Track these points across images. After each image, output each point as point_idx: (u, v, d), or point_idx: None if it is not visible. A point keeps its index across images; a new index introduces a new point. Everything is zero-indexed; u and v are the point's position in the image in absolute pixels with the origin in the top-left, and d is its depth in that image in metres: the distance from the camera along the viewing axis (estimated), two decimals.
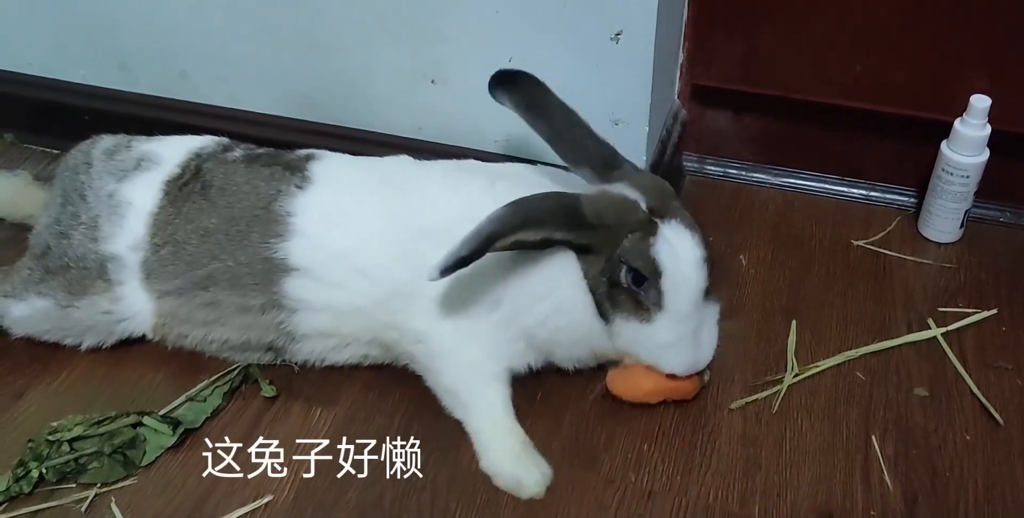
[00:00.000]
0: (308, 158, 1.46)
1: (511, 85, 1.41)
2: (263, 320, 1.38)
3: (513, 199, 1.24)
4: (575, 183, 1.37)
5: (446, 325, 1.33)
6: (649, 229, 1.27)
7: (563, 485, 1.29)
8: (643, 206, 1.28)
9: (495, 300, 1.32)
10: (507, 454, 1.29)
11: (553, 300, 1.31)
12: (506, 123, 1.59)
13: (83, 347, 1.45)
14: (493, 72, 1.42)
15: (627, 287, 1.27)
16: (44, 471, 1.29)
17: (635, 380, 1.36)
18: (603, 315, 1.31)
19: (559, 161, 1.42)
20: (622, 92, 1.53)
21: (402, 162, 1.47)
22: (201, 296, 1.39)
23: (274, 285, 1.36)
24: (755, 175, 1.84)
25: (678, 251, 1.27)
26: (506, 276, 1.32)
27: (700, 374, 1.37)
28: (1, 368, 1.46)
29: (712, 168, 1.86)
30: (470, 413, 1.34)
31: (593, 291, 1.30)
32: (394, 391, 1.41)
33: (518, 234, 1.21)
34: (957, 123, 1.59)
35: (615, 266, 1.27)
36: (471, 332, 1.34)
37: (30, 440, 1.32)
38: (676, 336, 1.30)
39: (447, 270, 1.18)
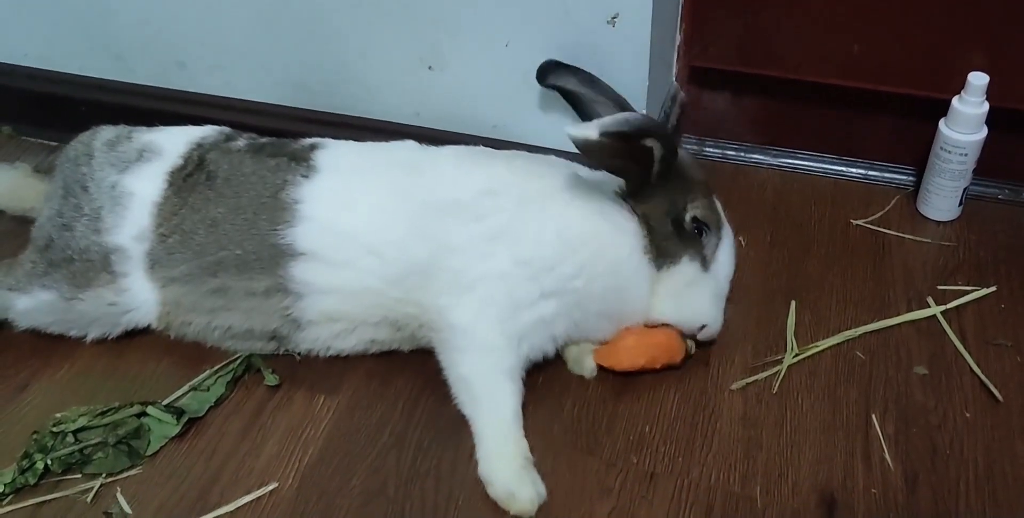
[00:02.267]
0: (312, 147, 1.46)
1: (562, 69, 1.51)
2: (268, 305, 1.38)
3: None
4: (584, 166, 1.43)
5: (470, 296, 1.33)
6: (709, 190, 1.43)
7: (565, 468, 1.30)
8: None
9: (525, 259, 1.33)
10: (508, 466, 1.26)
11: (594, 245, 1.34)
12: (503, 109, 1.60)
13: (88, 339, 1.46)
14: (541, 63, 1.52)
15: (690, 230, 1.38)
16: (49, 462, 1.30)
17: (618, 341, 1.39)
18: (668, 254, 1.38)
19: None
20: (619, 75, 1.53)
21: (408, 147, 1.48)
22: (209, 283, 1.39)
23: (280, 269, 1.37)
24: (753, 156, 1.84)
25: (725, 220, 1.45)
26: (538, 230, 1.34)
27: (685, 340, 1.40)
28: (4, 361, 1.46)
29: (711, 150, 1.86)
30: (480, 413, 1.32)
31: (656, 231, 1.37)
32: (396, 379, 1.42)
33: (658, 144, 1.30)
34: (955, 101, 1.59)
35: (680, 210, 1.38)
36: (493, 300, 1.32)
37: (35, 432, 1.33)
38: (721, 291, 1.43)
39: (606, 134, 1.23)
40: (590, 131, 1.23)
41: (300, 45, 1.67)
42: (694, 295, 1.40)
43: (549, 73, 1.52)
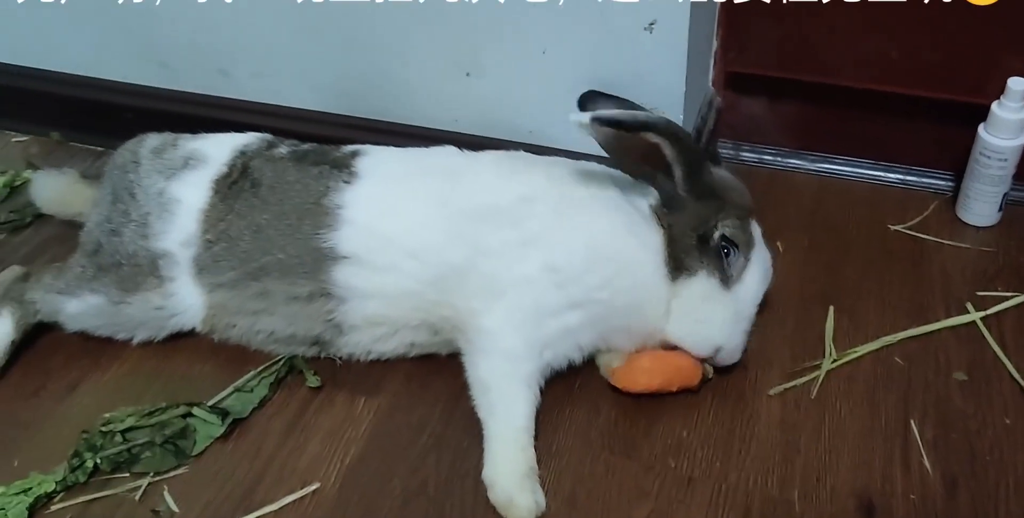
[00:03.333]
0: (354, 154, 1.49)
1: (600, 98, 1.54)
2: (311, 310, 1.40)
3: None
4: (621, 177, 1.43)
5: (500, 301, 1.35)
6: (747, 214, 1.42)
7: (602, 472, 1.31)
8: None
9: (554, 267, 1.34)
10: (512, 472, 1.26)
11: (620, 260, 1.35)
12: (540, 115, 1.61)
13: (135, 341, 1.49)
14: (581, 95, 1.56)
15: (715, 247, 1.36)
16: (99, 461, 1.33)
17: (634, 362, 1.38)
18: (685, 266, 1.37)
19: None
20: (656, 81, 1.54)
21: (448, 152, 1.50)
22: (253, 287, 1.42)
23: (323, 273, 1.39)
24: (791, 161, 1.84)
25: (763, 244, 1.43)
26: (568, 240, 1.35)
27: (703, 363, 1.40)
28: (55, 361, 1.50)
29: (747, 155, 1.86)
30: (492, 417, 1.32)
31: (677, 241, 1.37)
32: (436, 380, 1.44)
33: (666, 142, 1.30)
34: (994, 106, 1.58)
35: (709, 228, 1.37)
36: (520, 306, 1.34)
37: (84, 431, 1.36)
38: (744, 313, 1.40)
39: (599, 120, 1.27)
40: (584, 117, 1.27)
41: (341, 52, 1.69)
42: (708, 311, 1.37)
43: (588, 103, 1.54)
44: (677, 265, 1.37)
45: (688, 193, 1.36)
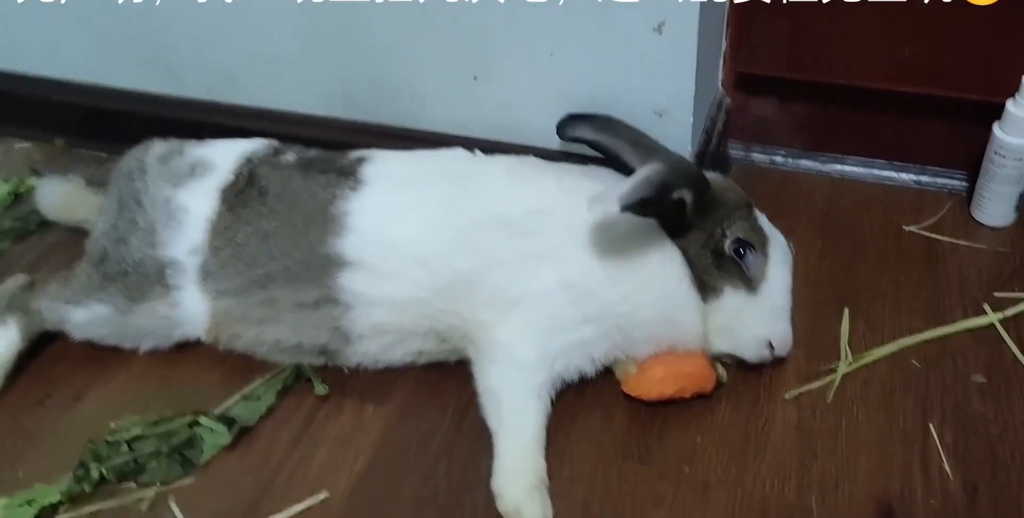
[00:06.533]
0: (360, 161, 1.47)
1: (577, 121, 1.51)
2: (317, 317, 1.39)
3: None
4: None
5: (511, 313, 1.34)
6: (749, 209, 1.41)
7: (616, 478, 1.29)
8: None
9: (570, 283, 1.33)
10: (521, 482, 1.25)
11: (642, 274, 1.33)
12: (549, 118, 1.60)
13: (141, 350, 1.48)
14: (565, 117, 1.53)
15: (731, 257, 1.35)
16: (104, 471, 1.31)
17: (647, 371, 1.37)
18: (710, 287, 1.35)
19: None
20: (666, 83, 1.52)
21: (458, 155, 1.49)
22: (258, 294, 1.40)
23: (329, 279, 1.37)
24: (802, 162, 1.83)
25: (774, 229, 1.42)
26: (584, 256, 1.33)
27: (715, 366, 1.38)
28: (60, 370, 1.48)
29: (758, 156, 1.85)
30: (502, 426, 1.31)
31: (695, 265, 1.35)
32: (445, 388, 1.42)
33: (681, 191, 1.29)
34: (1009, 104, 1.56)
35: (719, 239, 1.35)
36: (534, 320, 1.33)
37: (90, 441, 1.35)
38: (780, 305, 1.40)
39: (629, 208, 1.22)
40: (611, 206, 1.21)
41: (348, 57, 1.68)
42: (745, 323, 1.37)
43: (566, 127, 1.52)
44: (702, 287, 1.35)
45: (693, 216, 1.34)
